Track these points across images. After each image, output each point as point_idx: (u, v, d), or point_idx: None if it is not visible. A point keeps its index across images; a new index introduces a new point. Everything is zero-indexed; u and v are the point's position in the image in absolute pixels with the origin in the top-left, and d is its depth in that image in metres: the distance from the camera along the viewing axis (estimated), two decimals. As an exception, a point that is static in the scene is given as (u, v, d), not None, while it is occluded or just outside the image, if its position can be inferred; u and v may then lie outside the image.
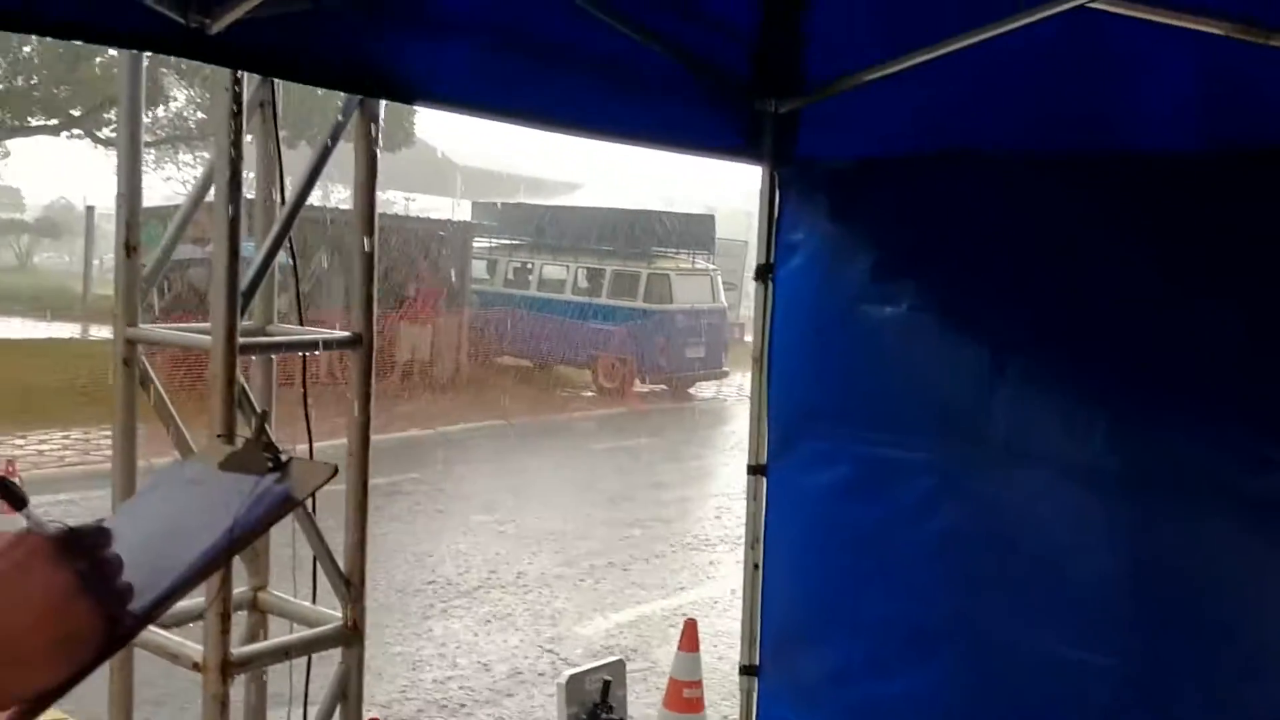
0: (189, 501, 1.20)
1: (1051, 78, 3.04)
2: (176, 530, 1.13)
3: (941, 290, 3.16)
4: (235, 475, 1.19)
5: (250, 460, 1.21)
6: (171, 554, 1.08)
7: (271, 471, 1.17)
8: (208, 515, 1.13)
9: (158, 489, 1.29)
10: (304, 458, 1.22)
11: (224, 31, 2.31)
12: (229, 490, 1.16)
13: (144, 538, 1.13)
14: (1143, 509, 2.85)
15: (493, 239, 21.86)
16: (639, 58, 3.03)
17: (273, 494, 1.14)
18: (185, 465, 1.33)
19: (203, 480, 1.23)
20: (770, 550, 3.51)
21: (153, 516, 1.19)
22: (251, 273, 2.67)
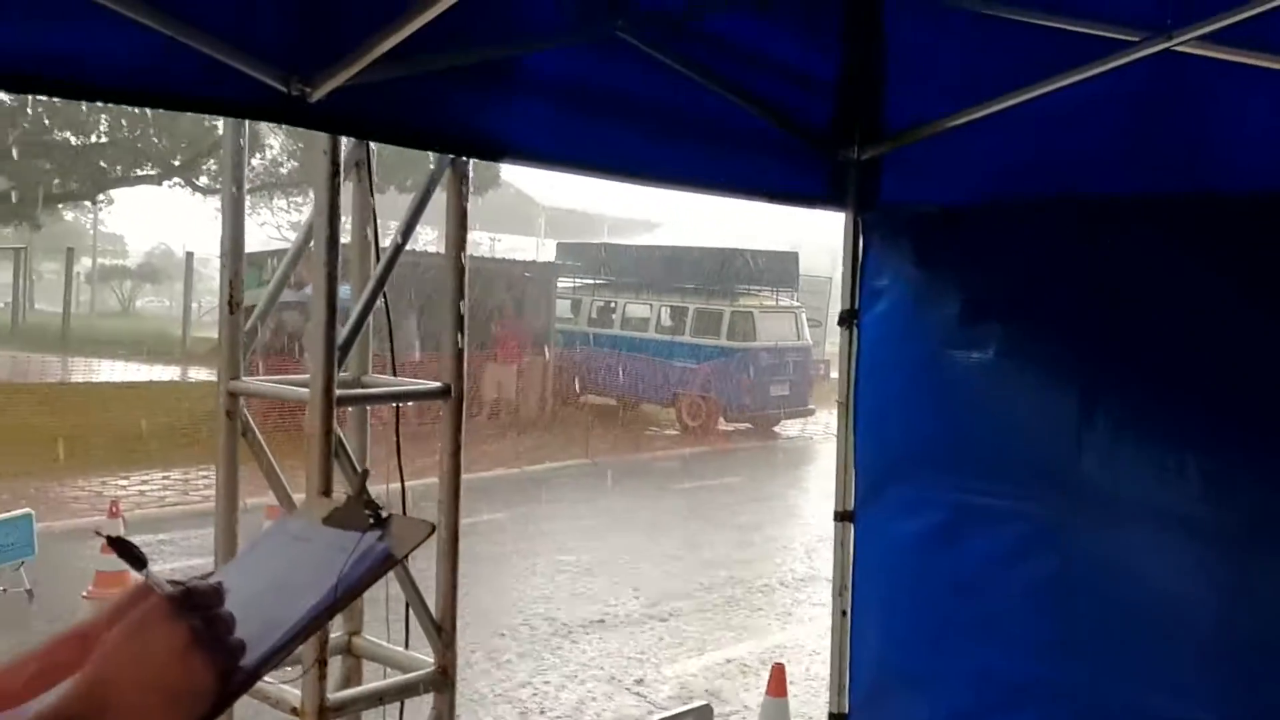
0: (294, 558, 1.24)
1: (1136, 121, 3.03)
2: (283, 586, 1.17)
3: (1029, 336, 3.14)
4: (338, 531, 1.24)
5: (352, 516, 1.25)
6: (279, 610, 1.13)
7: (372, 528, 1.22)
8: (312, 572, 1.18)
9: (264, 545, 1.33)
10: (403, 515, 1.27)
11: (324, 99, 2.41)
12: (332, 547, 1.20)
13: (252, 593, 1.18)
14: (1240, 559, 2.78)
15: (576, 278, 22.08)
16: (721, 111, 3.08)
17: (374, 553, 1.18)
18: (290, 521, 1.38)
19: (307, 537, 1.27)
20: (859, 597, 3.49)
21: (260, 572, 1.24)
22: (348, 328, 2.76)
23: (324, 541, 1.24)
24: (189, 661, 1.00)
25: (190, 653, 1.00)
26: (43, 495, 11.15)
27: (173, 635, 1.00)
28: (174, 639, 1.00)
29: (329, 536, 1.25)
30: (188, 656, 1.00)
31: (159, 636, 1.00)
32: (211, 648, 1.02)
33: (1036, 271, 3.17)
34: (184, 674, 1.00)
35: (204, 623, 1.02)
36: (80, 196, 26.16)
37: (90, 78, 2.13)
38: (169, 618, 1.01)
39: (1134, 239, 3.04)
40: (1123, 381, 2.99)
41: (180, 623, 1.01)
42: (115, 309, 37.64)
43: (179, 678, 1.00)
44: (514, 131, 2.77)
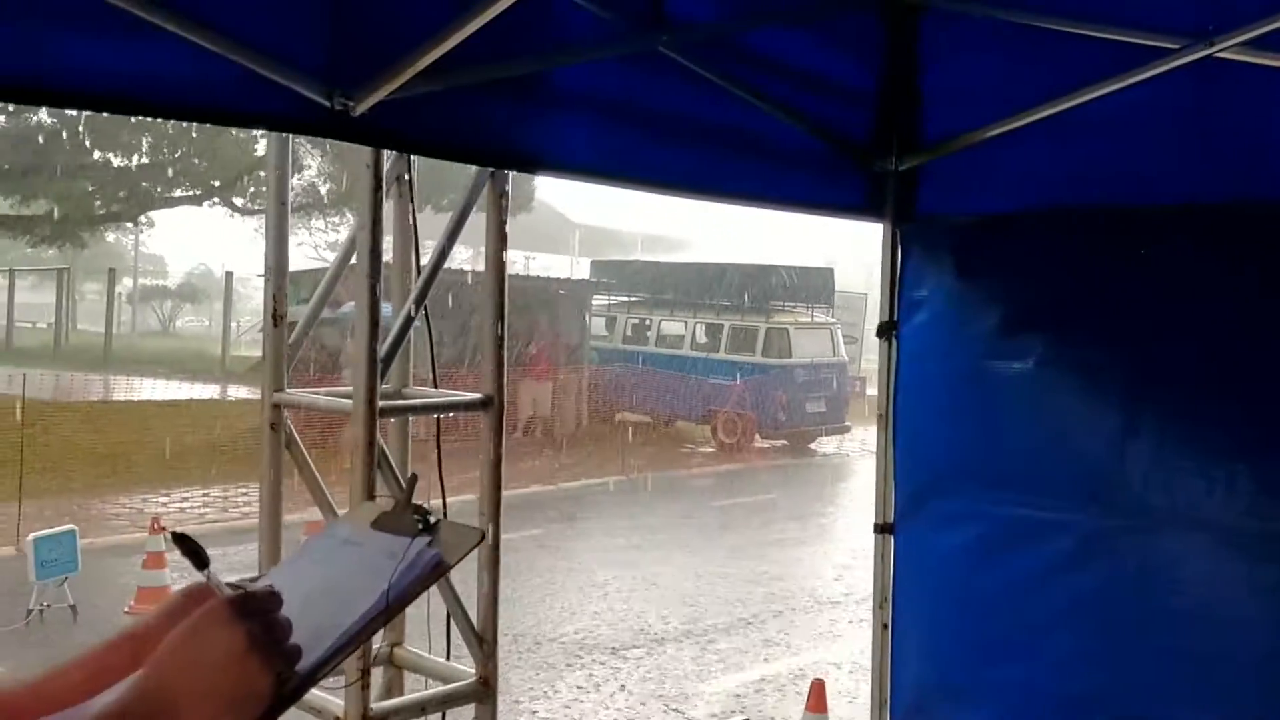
0: (344, 563, 1.24)
1: (1178, 130, 3.01)
2: (333, 591, 1.18)
3: (1072, 346, 3.11)
4: (388, 536, 1.24)
5: (401, 522, 1.26)
6: (330, 616, 1.14)
7: (422, 533, 1.22)
8: (363, 578, 1.18)
9: (313, 549, 1.34)
10: (452, 521, 1.27)
11: (366, 113, 2.44)
12: (382, 553, 1.21)
13: (303, 597, 1.19)
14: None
15: (611, 296, 22.12)
16: (759, 122, 3.09)
17: (425, 560, 1.18)
18: (339, 525, 1.38)
19: (357, 541, 1.27)
20: (900, 611, 3.47)
21: (310, 577, 1.24)
22: (390, 341, 2.79)
23: (374, 547, 1.24)
24: (246, 666, 1.01)
25: (248, 657, 1.01)
26: (85, 512, 11.29)
27: (231, 639, 1.01)
28: (232, 643, 1.01)
29: (379, 542, 1.25)
30: (245, 661, 1.01)
31: (217, 640, 1.01)
32: (268, 652, 1.03)
33: (1078, 282, 3.15)
34: (241, 678, 1.01)
35: (262, 627, 1.03)
36: (122, 218, 26.56)
37: (139, 94, 2.17)
38: (227, 622, 1.02)
39: (1176, 248, 3.01)
40: (1167, 392, 2.96)
41: (238, 627, 1.02)
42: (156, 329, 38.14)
43: (236, 682, 1.01)
44: (554, 145, 2.79)
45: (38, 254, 30.89)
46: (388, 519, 1.29)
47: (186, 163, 23.53)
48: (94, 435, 14.58)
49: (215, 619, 1.03)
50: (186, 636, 1.02)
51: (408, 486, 1.32)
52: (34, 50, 1.99)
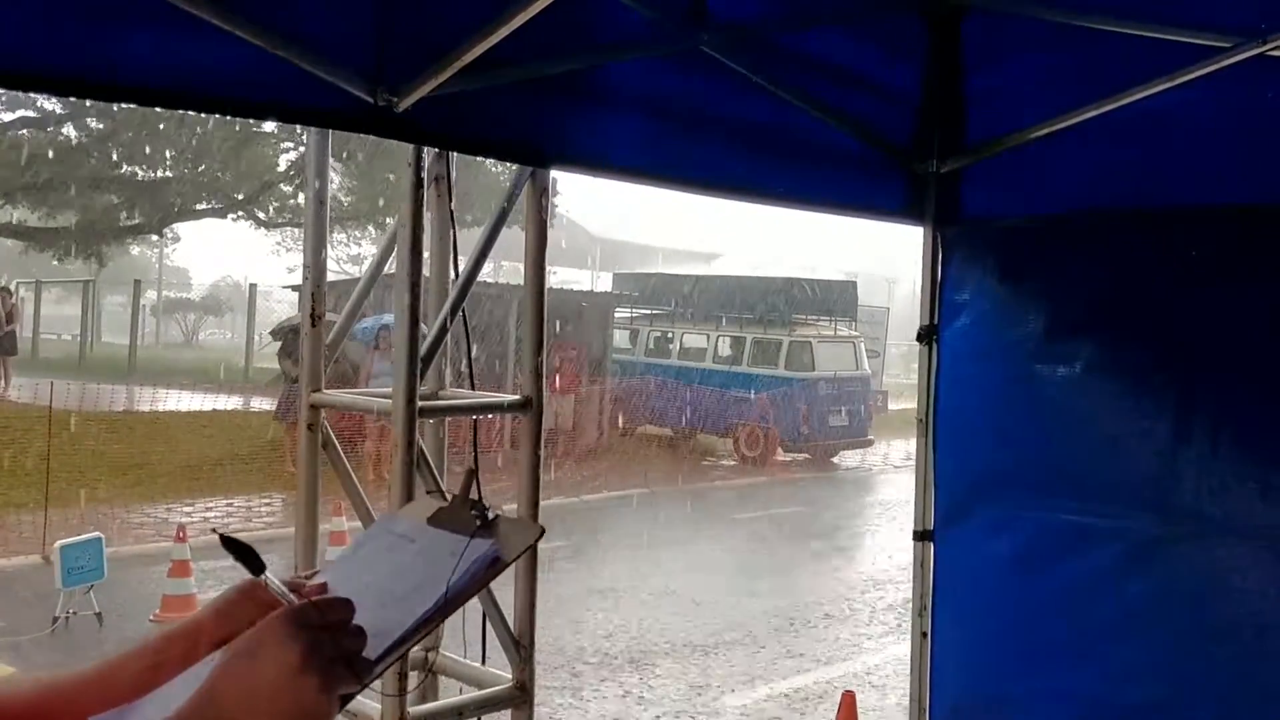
0: (401, 559, 1.20)
1: (1228, 129, 2.96)
2: (392, 589, 1.14)
3: (1120, 350, 3.06)
4: (444, 533, 1.20)
5: (458, 517, 1.22)
6: (389, 614, 1.10)
7: (480, 529, 1.18)
8: (420, 575, 1.14)
9: (369, 544, 1.30)
10: (510, 517, 1.23)
11: (409, 109, 2.42)
12: (439, 548, 1.17)
13: (359, 594, 1.15)
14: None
15: (634, 309, 22.10)
16: (800, 123, 3.07)
17: (484, 556, 1.14)
18: (395, 520, 1.35)
19: (412, 536, 1.24)
20: (941, 620, 3.41)
21: (365, 572, 1.20)
22: (429, 341, 2.77)
23: (431, 543, 1.20)
24: (301, 683, 0.97)
25: (304, 675, 0.97)
26: (110, 521, 11.29)
27: (287, 655, 0.97)
28: (288, 659, 0.97)
29: (436, 538, 1.21)
30: (300, 679, 0.97)
31: (272, 657, 0.97)
32: (334, 667, 0.98)
33: (1125, 285, 3.10)
34: (295, 698, 0.97)
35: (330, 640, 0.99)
36: (146, 230, 26.72)
37: (185, 88, 2.16)
38: (285, 637, 0.98)
39: (1226, 250, 2.97)
40: (1219, 397, 2.90)
41: (296, 643, 0.97)
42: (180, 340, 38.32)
43: (290, 701, 0.97)
44: (597, 144, 2.77)
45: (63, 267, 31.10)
46: (445, 515, 1.25)
47: (211, 175, 23.66)
48: (119, 445, 14.62)
49: (271, 635, 0.98)
50: (241, 652, 0.99)
51: (465, 482, 1.29)
52: (93, 46, 1.99)
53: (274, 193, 24.66)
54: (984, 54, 3.28)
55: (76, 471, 13.03)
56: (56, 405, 12.38)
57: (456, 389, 3.17)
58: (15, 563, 9.95)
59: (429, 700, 3.11)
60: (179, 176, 23.34)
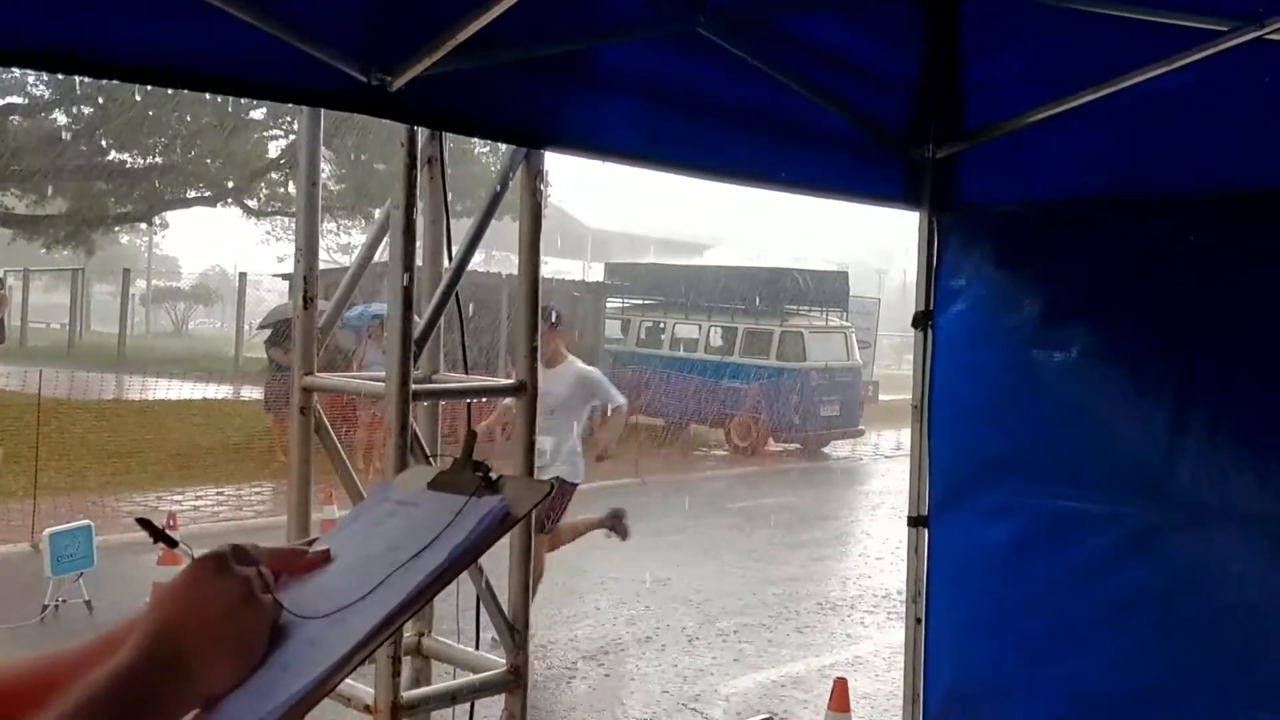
0: (403, 523, 1.18)
1: (1225, 114, 2.95)
2: (397, 549, 1.11)
3: (1117, 335, 3.06)
4: (447, 495, 1.18)
5: (460, 480, 1.19)
6: (396, 573, 1.08)
7: (484, 489, 1.16)
8: (426, 536, 1.12)
9: (367, 512, 1.28)
10: (516, 476, 1.21)
11: (403, 89, 2.40)
12: (445, 509, 1.14)
13: (361, 558, 1.13)
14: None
15: (625, 299, 22.07)
16: (798, 108, 3.05)
17: (493, 513, 1.12)
18: (392, 489, 1.32)
19: (414, 501, 1.21)
20: (935, 606, 3.41)
21: (368, 539, 1.18)
22: (423, 323, 2.75)
23: (434, 505, 1.17)
24: (251, 608, 1.01)
25: (249, 601, 1.01)
26: (100, 509, 11.25)
27: (230, 586, 1.01)
28: (232, 589, 1.00)
29: (438, 500, 1.18)
30: (248, 603, 1.01)
31: (216, 588, 1.00)
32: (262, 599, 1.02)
33: (1122, 270, 3.09)
34: (247, 621, 1.00)
35: (255, 573, 1.03)
36: (135, 219, 26.60)
37: (179, 66, 2.13)
38: (221, 572, 1.01)
39: (1223, 236, 2.96)
40: (1218, 382, 2.89)
41: (234, 576, 1.01)
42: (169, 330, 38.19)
43: (243, 625, 1.00)
44: (592, 126, 2.75)
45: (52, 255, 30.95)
46: (445, 478, 1.22)
47: (200, 163, 23.53)
48: (108, 434, 14.57)
49: (207, 571, 1.02)
50: (183, 587, 1.01)
51: (465, 444, 1.26)
52: (77, 19, 1.97)
53: (264, 181, 24.55)
54: (981, 40, 3.27)
55: (66, 460, 12.98)
56: (45, 394, 12.32)
57: (450, 374, 3.15)
58: (4, 551, 9.91)
59: (422, 685, 3.09)
60: (168, 164, 23.20)
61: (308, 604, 1.06)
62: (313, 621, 1.05)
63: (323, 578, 1.13)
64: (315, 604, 1.06)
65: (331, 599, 1.07)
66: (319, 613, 1.05)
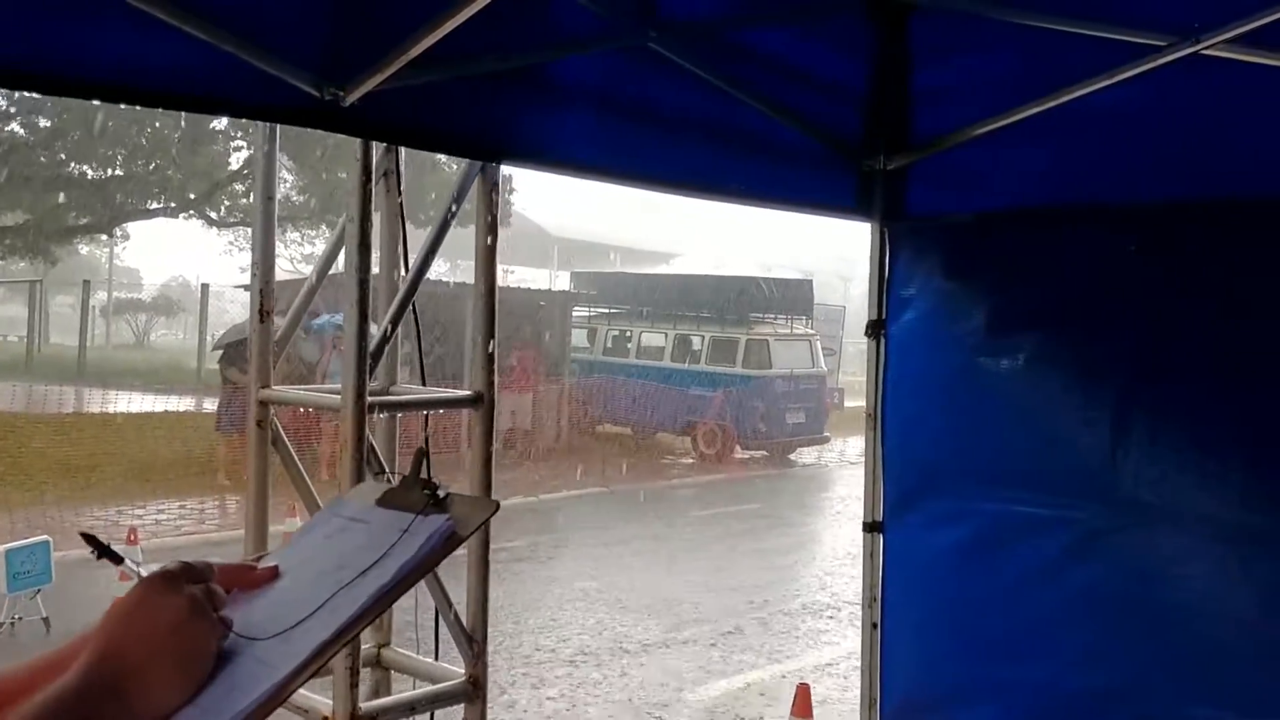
0: (350, 540, 1.19)
1: (1168, 126, 3.01)
2: (344, 568, 1.13)
3: (1062, 343, 3.12)
4: (395, 512, 1.20)
5: (408, 497, 1.21)
6: (342, 592, 1.10)
7: (432, 507, 1.18)
8: (371, 554, 1.14)
9: (317, 528, 1.29)
10: (463, 494, 1.23)
11: (356, 104, 2.42)
12: (391, 528, 1.16)
13: (309, 576, 1.15)
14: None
15: (592, 308, 22.10)
16: (750, 120, 3.09)
17: (438, 533, 1.14)
18: (343, 504, 1.33)
19: (363, 519, 1.23)
20: (890, 611, 3.45)
21: (317, 555, 1.20)
22: (379, 335, 2.76)
23: (382, 523, 1.19)
24: (197, 627, 1.02)
25: (196, 619, 1.02)
26: (59, 524, 11.11)
27: (176, 605, 1.02)
28: (178, 608, 1.02)
29: (386, 517, 1.20)
30: (194, 622, 1.02)
31: (162, 607, 1.02)
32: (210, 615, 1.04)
33: (1068, 278, 3.16)
34: (193, 639, 1.02)
35: (203, 591, 1.04)
36: (96, 230, 26.31)
37: (129, 81, 2.14)
38: (168, 590, 1.03)
39: (1165, 245, 3.02)
40: (1160, 387, 2.96)
41: (181, 594, 1.03)
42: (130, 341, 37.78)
43: (188, 643, 1.01)
44: (544, 138, 2.78)
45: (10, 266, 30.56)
46: (394, 495, 1.24)
47: (161, 174, 23.32)
48: (68, 447, 14.40)
49: (154, 590, 1.03)
50: (129, 608, 1.03)
51: (414, 462, 1.28)
52: (27, 35, 1.97)
53: (226, 192, 24.37)
54: (929, 52, 3.33)
55: (24, 474, 12.83)
56: (3, 407, 12.19)
57: (408, 385, 3.17)
58: (-39, 567, 9.76)
59: (382, 696, 3.10)
60: (129, 175, 22.99)
61: (256, 621, 1.08)
62: (260, 640, 1.07)
63: (271, 594, 1.14)
64: (263, 621, 1.08)
65: (279, 616, 1.08)
66: (266, 633, 1.07)
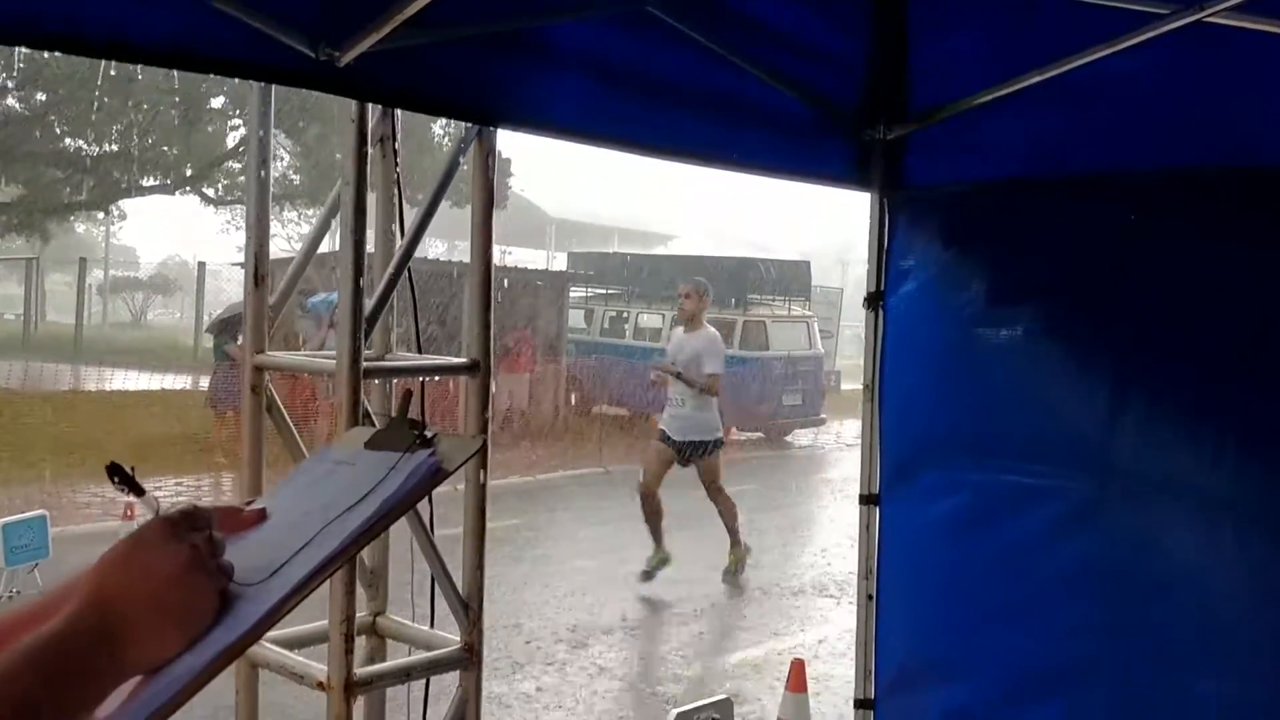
0: (338, 481, 1.20)
1: (1168, 96, 2.99)
2: (330, 507, 1.14)
3: (1061, 314, 3.10)
4: (383, 453, 1.20)
5: (396, 437, 1.22)
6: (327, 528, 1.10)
7: (419, 446, 1.18)
8: (356, 491, 1.14)
9: (305, 472, 1.30)
10: (450, 433, 1.23)
11: (351, 64, 2.39)
12: (378, 466, 1.17)
13: (296, 517, 1.15)
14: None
15: (589, 289, 22.04)
16: (748, 88, 3.07)
17: (421, 467, 1.15)
18: (331, 449, 1.34)
19: (351, 461, 1.24)
20: (886, 582, 3.45)
21: (303, 497, 1.21)
22: (374, 300, 2.75)
23: (368, 463, 1.20)
24: (195, 579, 0.99)
25: (194, 571, 1.00)
26: (56, 500, 11.12)
27: (175, 555, 0.99)
28: (176, 557, 0.99)
29: (373, 459, 1.21)
30: (192, 574, 0.99)
31: (160, 557, 0.99)
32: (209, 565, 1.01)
33: (1067, 250, 3.14)
34: (190, 592, 0.99)
35: (205, 541, 1.02)
36: (92, 206, 26.22)
37: (123, 38, 2.12)
38: (168, 538, 1.01)
39: (1167, 215, 3.01)
40: (1159, 358, 2.95)
41: (181, 543, 1.00)
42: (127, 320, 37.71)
43: (185, 597, 0.99)
44: (541, 102, 2.76)
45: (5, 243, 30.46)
46: (381, 437, 1.25)
47: (158, 151, 23.21)
48: (65, 425, 14.40)
49: (153, 536, 1.01)
50: (126, 553, 1.01)
51: (400, 403, 1.28)
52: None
53: (223, 170, 24.28)
54: (930, 21, 3.30)
55: (21, 451, 12.82)
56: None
57: (404, 353, 3.15)
58: (-43, 542, 9.77)
59: (377, 663, 3.10)
60: (125, 152, 22.87)
61: (245, 561, 1.08)
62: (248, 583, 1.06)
63: (258, 535, 1.15)
64: (250, 561, 1.08)
65: (266, 556, 1.08)
66: (253, 573, 1.06)
